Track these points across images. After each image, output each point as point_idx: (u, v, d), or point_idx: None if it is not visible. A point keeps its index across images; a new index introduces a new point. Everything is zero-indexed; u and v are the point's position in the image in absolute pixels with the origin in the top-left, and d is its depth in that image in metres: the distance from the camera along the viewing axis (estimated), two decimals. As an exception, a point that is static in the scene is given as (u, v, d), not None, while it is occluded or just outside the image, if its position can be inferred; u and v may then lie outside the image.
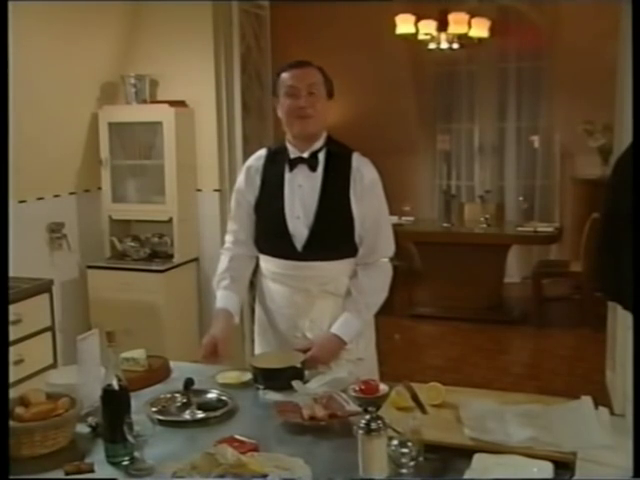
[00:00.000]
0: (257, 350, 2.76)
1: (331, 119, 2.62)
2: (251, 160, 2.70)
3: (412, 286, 6.79)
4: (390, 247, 2.64)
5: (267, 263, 2.65)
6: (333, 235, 2.53)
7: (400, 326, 6.23)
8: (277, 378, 2.30)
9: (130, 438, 1.78)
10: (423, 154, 8.29)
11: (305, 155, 2.55)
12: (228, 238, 2.75)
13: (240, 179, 2.70)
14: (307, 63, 2.52)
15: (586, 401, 1.99)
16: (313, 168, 2.54)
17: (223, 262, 2.70)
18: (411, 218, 6.92)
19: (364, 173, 2.54)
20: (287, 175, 2.56)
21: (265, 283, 2.69)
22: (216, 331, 2.50)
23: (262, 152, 2.69)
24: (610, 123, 5.18)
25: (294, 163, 2.56)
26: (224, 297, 2.62)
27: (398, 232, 6.92)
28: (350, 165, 2.54)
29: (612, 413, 2.00)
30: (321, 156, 2.56)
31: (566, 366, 5.36)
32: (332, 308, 2.58)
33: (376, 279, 2.60)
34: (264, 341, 2.72)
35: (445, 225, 6.78)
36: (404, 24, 6.16)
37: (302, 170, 2.55)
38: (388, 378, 2.33)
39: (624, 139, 3.98)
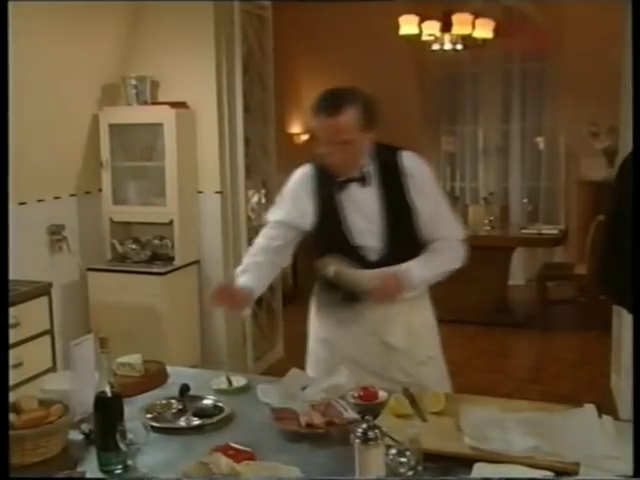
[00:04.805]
0: (313, 368, 2.63)
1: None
2: (296, 184, 2.56)
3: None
4: (457, 230, 2.58)
5: None
6: (404, 237, 2.48)
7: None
8: None
9: (123, 446, 1.74)
10: (427, 155, 8.15)
11: (355, 175, 2.46)
12: (261, 242, 2.59)
13: (286, 205, 2.54)
14: (340, 106, 2.29)
15: (589, 409, 1.95)
16: (364, 185, 2.46)
17: (251, 259, 2.55)
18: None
19: (414, 170, 2.48)
20: (339, 195, 2.47)
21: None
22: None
23: (307, 171, 2.56)
24: (615, 125, 5.13)
25: (343, 184, 2.47)
26: (246, 277, 2.48)
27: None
28: (400, 167, 2.46)
29: (617, 418, 1.96)
30: (370, 169, 2.47)
31: (571, 370, 5.31)
32: (407, 309, 2.53)
33: (448, 249, 2.51)
34: (327, 355, 2.58)
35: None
36: (407, 25, 6.12)
37: (354, 187, 2.46)
38: (390, 385, 2.29)
39: (629, 141, 3.94)
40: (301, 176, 2.56)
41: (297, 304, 7.09)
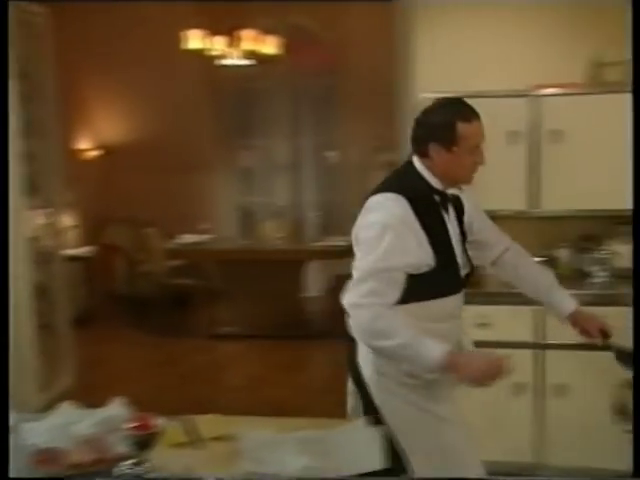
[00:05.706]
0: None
1: (123, 138, 2.43)
2: (405, 219, 2.25)
3: (212, 306, 6.68)
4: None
5: (438, 307, 2.37)
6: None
7: (200, 348, 6.09)
8: None
9: None
10: (222, 171, 8.22)
11: (455, 193, 2.44)
12: (377, 300, 2.37)
13: (407, 245, 2.24)
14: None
15: (361, 422, 1.99)
16: (451, 204, 2.42)
17: (391, 318, 2.31)
18: (210, 236, 6.81)
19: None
20: (445, 216, 2.38)
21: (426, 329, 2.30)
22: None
23: (403, 202, 2.27)
24: (396, 139, 5.36)
25: (446, 202, 2.39)
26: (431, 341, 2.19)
27: (197, 251, 6.80)
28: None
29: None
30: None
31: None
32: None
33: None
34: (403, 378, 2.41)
35: (244, 242, 6.76)
36: (194, 39, 6.08)
37: (448, 208, 2.40)
38: (187, 405, 2.21)
39: (405, 155, 4.12)
40: (404, 209, 2.27)
41: (89, 327, 6.78)
